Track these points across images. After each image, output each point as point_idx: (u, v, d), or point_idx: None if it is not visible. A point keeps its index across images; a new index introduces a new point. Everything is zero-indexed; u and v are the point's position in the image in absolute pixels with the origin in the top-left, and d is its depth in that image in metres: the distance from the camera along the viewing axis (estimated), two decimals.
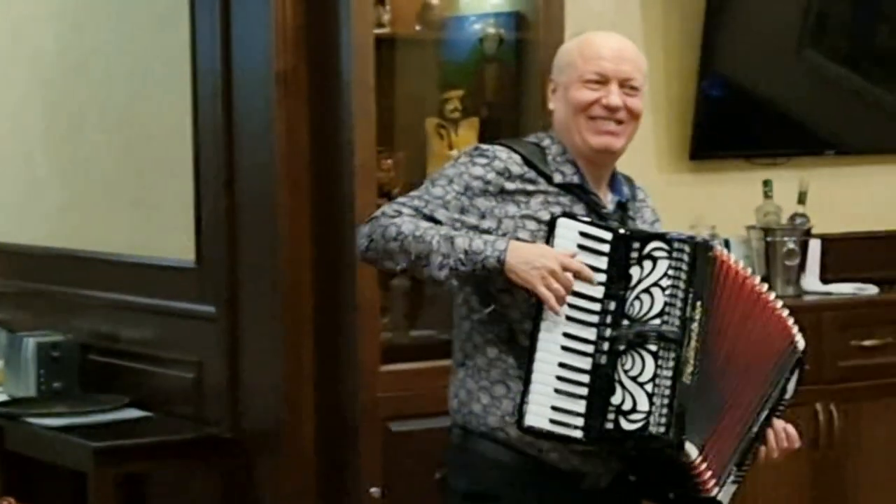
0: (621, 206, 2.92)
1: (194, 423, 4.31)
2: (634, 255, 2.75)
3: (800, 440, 2.94)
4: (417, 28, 4.14)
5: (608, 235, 2.75)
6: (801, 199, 4.60)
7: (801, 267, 4.54)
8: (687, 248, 2.74)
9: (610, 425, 2.69)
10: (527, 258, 2.70)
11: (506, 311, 2.82)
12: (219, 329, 4.22)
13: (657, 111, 4.62)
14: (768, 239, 4.52)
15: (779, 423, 2.89)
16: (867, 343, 4.47)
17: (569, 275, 2.69)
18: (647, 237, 2.77)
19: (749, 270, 2.84)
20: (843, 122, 4.89)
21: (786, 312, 2.88)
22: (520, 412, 2.72)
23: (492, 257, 2.72)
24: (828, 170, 4.83)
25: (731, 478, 2.83)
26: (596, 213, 2.85)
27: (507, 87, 4.22)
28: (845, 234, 4.83)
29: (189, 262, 4.34)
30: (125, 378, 4.57)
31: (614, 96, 2.85)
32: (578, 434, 2.71)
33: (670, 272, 2.72)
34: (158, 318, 4.47)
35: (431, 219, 2.79)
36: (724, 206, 4.65)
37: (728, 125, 4.70)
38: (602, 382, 2.70)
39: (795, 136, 4.81)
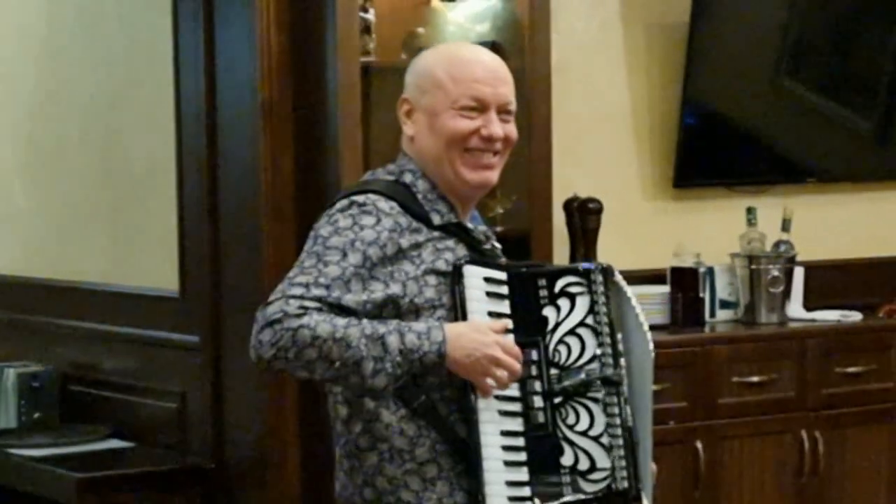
0: (486, 237, 2.61)
1: (177, 453, 4.25)
2: (544, 293, 2.46)
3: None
4: (403, 56, 4.07)
5: (503, 276, 2.45)
6: (785, 226, 4.56)
7: (786, 294, 4.46)
8: (601, 278, 2.47)
9: (568, 489, 2.41)
10: (468, 349, 2.38)
11: (421, 381, 2.44)
12: (202, 359, 4.17)
13: (641, 140, 4.59)
14: (753, 266, 4.46)
15: None
16: (851, 370, 4.39)
17: (511, 360, 2.39)
18: (553, 273, 2.48)
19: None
20: (823, 149, 4.85)
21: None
22: (480, 497, 2.38)
23: (431, 352, 2.36)
24: (809, 197, 4.80)
25: None
26: (478, 252, 2.52)
27: None
28: (828, 262, 4.79)
29: (172, 291, 4.29)
30: (107, 408, 4.52)
31: (496, 126, 2.49)
32: None
33: (595, 308, 2.46)
34: (141, 348, 4.41)
35: (340, 307, 2.37)
36: (707, 233, 4.59)
37: (710, 154, 4.65)
38: (544, 443, 2.41)
39: (776, 164, 4.78)
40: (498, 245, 2.62)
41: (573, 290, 2.45)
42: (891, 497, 4.44)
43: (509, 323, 2.42)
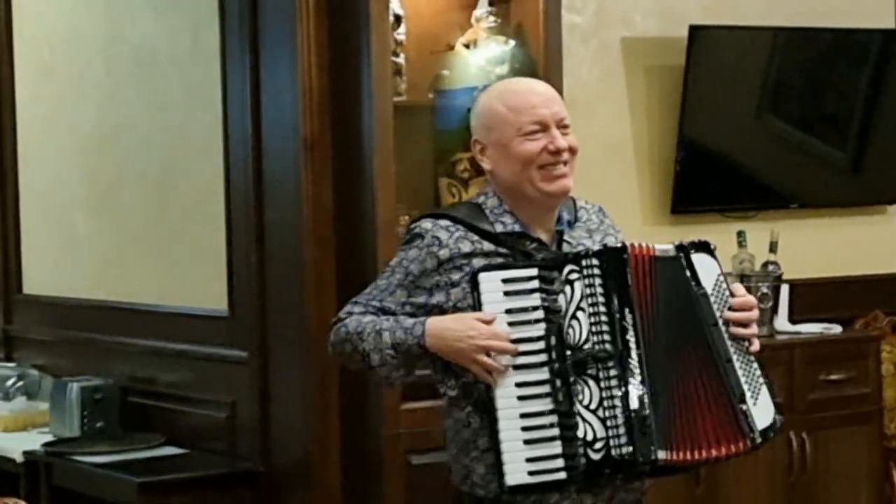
0: (559, 235, 2.65)
1: (228, 458, 4.21)
2: (557, 283, 2.50)
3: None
4: (430, 96, 4.06)
5: (533, 272, 2.50)
6: (773, 248, 4.58)
7: (774, 309, 4.47)
8: (595, 262, 2.48)
9: (583, 460, 2.44)
10: (447, 339, 2.47)
11: (475, 379, 2.51)
12: (250, 372, 4.13)
13: (641, 171, 4.60)
14: (744, 284, 4.33)
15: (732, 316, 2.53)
16: (833, 377, 4.41)
17: (506, 343, 2.44)
18: (562, 262, 2.51)
19: (655, 247, 2.52)
20: (804, 179, 4.85)
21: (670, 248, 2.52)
22: (499, 476, 2.45)
23: (414, 345, 2.50)
24: (793, 221, 4.79)
25: (756, 400, 2.53)
26: (527, 256, 2.57)
27: None
28: (811, 280, 4.79)
29: (222, 311, 4.26)
30: (162, 418, 4.49)
31: (560, 139, 2.60)
32: (562, 476, 2.45)
33: (587, 290, 2.47)
34: (194, 363, 4.38)
35: (383, 310, 2.57)
36: None
37: (704, 183, 4.64)
38: (567, 419, 2.45)
39: (763, 192, 4.77)
40: (571, 242, 2.60)
41: (572, 276, 2.49)
42: (870, 489, 4.46)
43: (494, 314, 2.46)
